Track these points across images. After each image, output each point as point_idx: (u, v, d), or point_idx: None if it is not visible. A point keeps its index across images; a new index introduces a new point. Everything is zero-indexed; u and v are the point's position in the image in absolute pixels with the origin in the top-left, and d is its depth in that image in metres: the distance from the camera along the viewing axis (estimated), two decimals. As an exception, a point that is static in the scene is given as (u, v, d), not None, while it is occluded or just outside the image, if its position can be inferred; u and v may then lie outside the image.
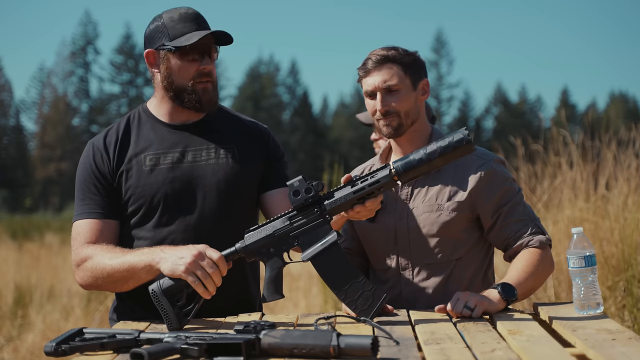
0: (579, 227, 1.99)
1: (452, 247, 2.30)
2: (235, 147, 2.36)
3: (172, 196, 2.26)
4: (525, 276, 2.16)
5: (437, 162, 1.95)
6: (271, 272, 2.03)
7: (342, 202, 1.99)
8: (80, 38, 47.86)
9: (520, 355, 1.57)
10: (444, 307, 2.06)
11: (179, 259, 2.00)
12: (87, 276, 2.20)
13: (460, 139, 1.92)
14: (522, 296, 2.14)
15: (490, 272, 2.40)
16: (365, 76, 2.32)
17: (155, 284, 2.03)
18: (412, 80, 2.32)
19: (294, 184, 2.00)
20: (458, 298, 2.03)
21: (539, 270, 2.19)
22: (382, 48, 2.32)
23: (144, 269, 2.10)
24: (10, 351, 5.74)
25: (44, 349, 1.74)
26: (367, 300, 1.98)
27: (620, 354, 1.51)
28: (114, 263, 2.15)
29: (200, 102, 2.28)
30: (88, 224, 2.26)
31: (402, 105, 2.30)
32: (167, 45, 2.24)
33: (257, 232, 2.04)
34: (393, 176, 1.96)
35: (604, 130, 5.98)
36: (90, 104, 47.60)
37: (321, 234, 2.01)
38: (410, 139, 2.37)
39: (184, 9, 2.28)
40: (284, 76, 51.70)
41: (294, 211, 2.02)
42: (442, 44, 51.69)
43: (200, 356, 1.63)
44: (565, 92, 53.24)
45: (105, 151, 2.32)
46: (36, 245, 13.75)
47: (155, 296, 2.01)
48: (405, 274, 2.34)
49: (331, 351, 1.57)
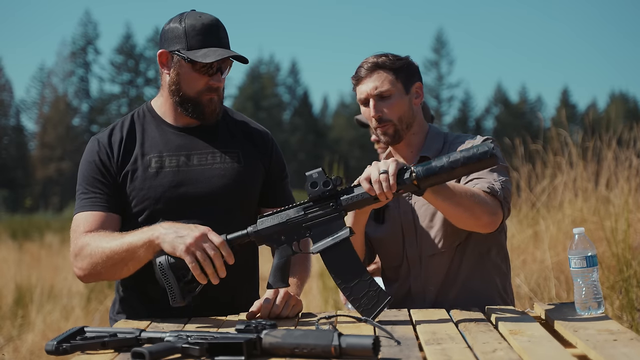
0: (580, 227, 1.99)
1: (453, 234, 2.31)
2: (240, 152, 2.35)
3: (177, 200, 2.25)
4: (459, 189, 2.08)
5: (458, 172, 1.92)
6: (279, 260, 2.03)
7: (359, 200, 1.98)
8: (81, 38, 47.91)
9: (521, 355, 1.57)
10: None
11: (180, 238, 1.97)
12: (86, 263, 2.14)
13: (485, 152, 1.89)
14: (439, 193, 2.05)
15: (494, 254, 2.37)
16: (358, 84, 2.36)
17: (162, 256, 2.00)
18: (404, 84, 2.35)
19: (312, 175, 1.99)
20: (369, 171, 1.96)
21: (473, 198, 2.12)
22: (373, 55, 2.36)
23: (144, 245, 2.04)
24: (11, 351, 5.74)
25: (45, 347, 1.74)
26: (371, 300, 1.98)
27: (622, 355, 1.51)
28: (112, 245, 2.10)
29: (203, 113, 2.27)
30: (89, 216, 2.22)
31: (394, 111, 2.33)
32: (182, 54, 2.21)
33: (270, 218, 2.03)
34: (413, 180, 1.94)
35: (604, 130, 5.98)
36: (91, 104, 47.65)
37: (334, 228, 2.00)
38: (409, 142, 2.40)
39: (207, 19, 2.23)
40: (284, 76, 51.77)
41: (309, 202, 2.01)
42: (442, 44, 51.74)
43: (201, 355, 1.63)
44: (565, 92, 53.31)
45: (110, 149, 2.29)
46: (36, 245, 13.76)
47: (161, 269, 1.99)
48: (414, 268, 2.36)
49: (332, 351, 1.57)
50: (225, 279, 2.00)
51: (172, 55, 2.24)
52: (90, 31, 48.09)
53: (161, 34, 2.29)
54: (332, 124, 51.07)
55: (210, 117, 2.29)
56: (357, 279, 1.98)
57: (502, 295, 2.38)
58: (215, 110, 2.29)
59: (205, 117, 2.28)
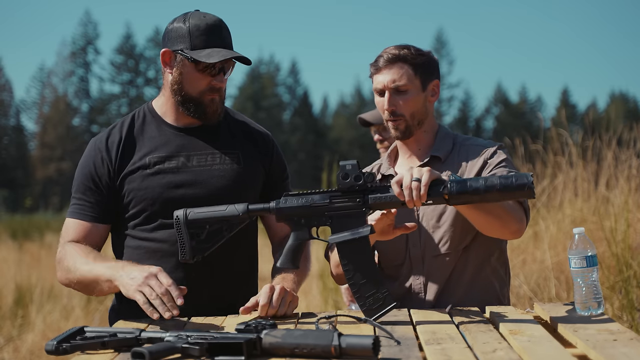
0: (580, 227, 1.99)
1: (460, 236, 2.30)
2: (239, 153, 2.35)
3: (175, 201, 2.25)
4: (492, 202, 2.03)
5: (491, 197, 1.90)
6: (294, 242, 2.02)
7: (386, 201, 1.96)
8: (81, 38, 47.92)
9: (521, 355, 1.57)
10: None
11: (131, 279, 2.02)
12: (63, 276, 2.24)
13: (523, 184, 1.86)
14: (471, 209, 2.05)
15: (494, 258, 2.36)
16: (376, 73, 2.32)
17: (181, 211, 2.04)
18: (422, 81, 2.32)
19: (346, 166, 1.97)
20: (402, 175, 1.94)
21: (503, 205, 2.11)
22: (395, 46, 2.32)
23: (106, 282, 2.11)
24: (11, 351, 5.74)
25: (45, 347, 1.74)
26: (376, 302, 1.97)
27: (622, 355, 1.51)
28: (83, 269, 2.17)
29: (204, 112, 2.27)
30: (76, 225, 2.29)
31: (409, 106, 2.30)
32: (186, 54, 2.21)
33: (295, 199, 2.02)
34: (444, 194, 1.91)
35: (604, 130, 5.98)
36: (91, 104, 47.64)
37: (355, 224, 1.98)
38: (418, 139, 2.38)
39: (211, 20, 2.24)
40: (284, 76, 51.77)
41: (337, 192, 2.00)
42: (442, 43, 51.73)
43: (201, 355, 1.63)
44: (565, 92, 53.31)
45: (107, 152, 2.31)
46: (36, 245, 13.77)
47: (177, 223, 2.03)
48: (416, 268, 2.34)
49: (332, 351, 1.56)
50: (225, 283, 2.01)
51: (176, 54, 2.24)
52: (90, 31, 48.12)
53: (164, 33, 2.30)
54: (332, 124, 51.06)
55: (211, 117, 2.29)
56: (367, 277, 1.98)
57: (501, 300, 2.36)
58: (217, 110, 2.29)
59: (206, 117, 2.29)
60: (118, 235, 2.35)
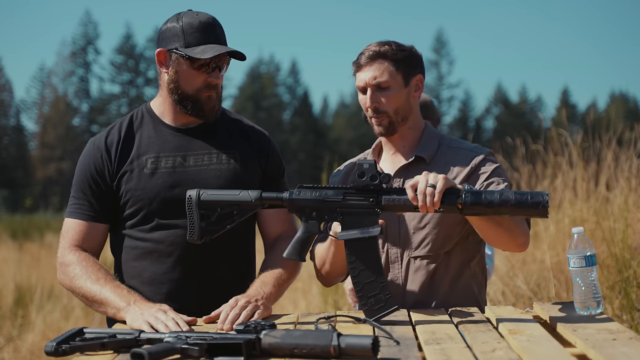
0: (579, 226, 1.99)
1: (442, 240, 2.28)
2: (237, 152, 2.35)
3: (172, 200, 2.25)
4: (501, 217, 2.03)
5: (504, 211, 1.89)
6: (302, 234, 2.03)
7: (399, 204, 1.96)
8: (81, 38, 47.88)
9: (520, 355, 1.57)
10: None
11: (140, 314, 2.03)
12: (66, 283, 2.25)
13: (538, 202, 1.86)
14: (483, 220, 2.05)
15: (474, 263, 2.34)
16: (358, 71, 2.31)
17: (194, 191, 2.06)
18: (404, 77, 2.30)
19: (363, 164, 1.98)
20: (418, 180, 1.94)
21: (515, 222, 2.11)
22: (377, 43, 2.31)
23: (113, 309, 2.12)
24: (11, 351, 5.74)
25: (45, 348, 1.74)
26: (378, 303, 1.97)
27: (621, 354, 1.51)
28: (92, 288, 2.17)
29: (202, 110, 2.27)
30: (77, 225, 2.29)
31: (391, 103, 2.28)
32: (180, 51, 2.22)
33: (309, 191, 2.02)
34: (458, 203, 1.91)
35: (604, 130, 5.98)
36: (91, 104, 47.61)
37: (366, 223, 1.98)
38: (403, 136, 2.36)
39: (204, 17, 2.25)
40: (284, 76, 51.73)
41: (352, 189, 2.00)
42: (442, 44, 51.71)
43: (200, 356, 1.63)
44: (565, 92, 53.25)
45: (107, 151, 2.31)
46: (36, 245, 13.77)
47: (189, 203, 2.05)
48: (394, 267, 2.31)
49: (332, 351, 1.57)
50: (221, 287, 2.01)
51: (170, 53, 2.25)
52: (90, 31, 48.08)
53: (159, 34, 2.30)
54: (332, 124, 51.03)
55: (209, 115, 2.29)
56: (372, 278, 1.98)
57: (479, 303, 2.33)
58: (214, 107, 2.29)
59: (204, 115, 2.29)
60: (116, 235, 2.35)
